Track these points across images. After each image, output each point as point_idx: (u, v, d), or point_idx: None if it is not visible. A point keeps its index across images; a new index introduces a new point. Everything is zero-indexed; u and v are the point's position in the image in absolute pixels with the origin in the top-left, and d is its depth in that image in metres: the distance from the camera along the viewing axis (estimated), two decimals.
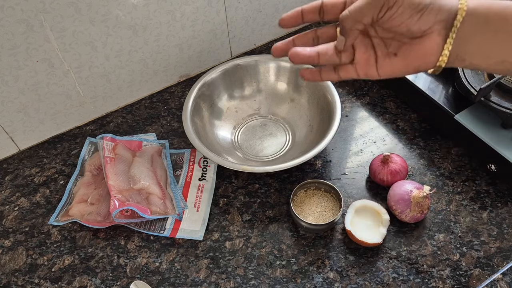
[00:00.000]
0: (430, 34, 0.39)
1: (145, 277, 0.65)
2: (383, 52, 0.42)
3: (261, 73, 0.84)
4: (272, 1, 0.91)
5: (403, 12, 0.39)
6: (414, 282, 0.63)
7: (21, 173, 0.78)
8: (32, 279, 0.65)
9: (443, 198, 0.71)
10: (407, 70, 0.42)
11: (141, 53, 0.81)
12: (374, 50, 0.43)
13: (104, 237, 0.69)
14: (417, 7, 0.38)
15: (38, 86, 0.74)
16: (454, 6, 0.39)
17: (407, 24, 0.39)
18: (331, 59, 0.43)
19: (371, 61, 0.43)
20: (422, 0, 0.38)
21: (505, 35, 0.38)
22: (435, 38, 0.39)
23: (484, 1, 0.39)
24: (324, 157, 0.78)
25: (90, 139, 0.81)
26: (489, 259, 0.64)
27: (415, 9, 0.38)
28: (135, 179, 0.71)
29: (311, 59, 0.43)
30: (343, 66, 0.44)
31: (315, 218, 0.68)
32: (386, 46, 0.42)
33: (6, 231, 0.71)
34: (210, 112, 0.81)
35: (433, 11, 0.39)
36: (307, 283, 0.63)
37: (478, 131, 0.69)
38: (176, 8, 0.79)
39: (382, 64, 0.43)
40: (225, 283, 0.64)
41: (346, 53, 0.43)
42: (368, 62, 0.43)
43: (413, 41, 0.40)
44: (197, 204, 0.72)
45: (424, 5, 0.38)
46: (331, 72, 0.45)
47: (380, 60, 0.42)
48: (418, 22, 0.39)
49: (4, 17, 0.64)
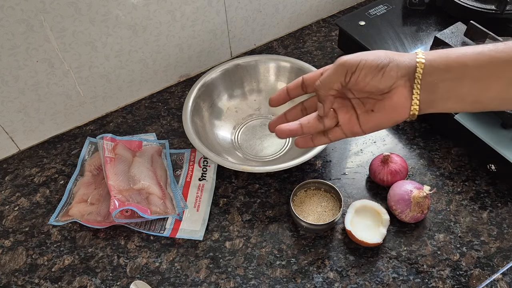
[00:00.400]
0: (396, 88, 0.44)
1: (145, 277, 0.65)
2: (362, 110, 0.47)
3: (261, 73, 0.84)
4: (272, 1, 0.91)
5: (366, 74, 0.44)
6: (414, 282, 0.63)
7: (21, 173, 0.78)
8: (32, 279, 0.65)
9: (443, 198, 0.71)
10: (386, 122, 0.47)
11: (141, 53, 0.81)
12: (354, 110, 0.48)
13: (104, 237, 0.69)
14: (376, 67, 0.43)
15: (38, 86, 0.74)
16: (412, 62, 0.43)
17: (373, 83, 0.44)
18: (314, 127, 0.49)
19: (353, 120, 0.48)
20: (381, 62, 0.43)
21: (469, 79, 0.42)
22: (402, 90, 0.44)
23: (441, 52, 0.43)
24: (324, 157, 0.78)
25: (90, 139, 0.81)
26: (489, 259, 0.64)
27: (376, 70, 0.43)
28: (135, 179, 0.71)
29: (295, 132, 0.49)
30: (331, 130, 0.49)
31: (315, 218, 0.68)
32: (364, 104, 0.47)
33: (6, 231, 0.71)
34: (210, 112, 0.81)
35: (393, 68, 0.43)
36: (307, 283, 0.63)
37: (478, 131, 0.69)
38: (176, 8, 0.79)
39: (363, 121, 0.47)
40: (225, 283, 0.64)
41: (328, 118, 0.49)
42: (351, 121, 0.48)
43: (384, 96, 0.45)
44: (197, 204, 0.72)
45: (383, 64, 0.43)
46: (322, 136, 0.50)
47: (361, 118, 0.47)
48: (382, 80, 0.44)
49: (4, 17, 0.64)
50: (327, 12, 1.03)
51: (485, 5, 0.80)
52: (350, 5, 1.05)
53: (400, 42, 0.83)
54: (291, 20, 0.98)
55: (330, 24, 1.01)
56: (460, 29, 0.75)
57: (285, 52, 0.96)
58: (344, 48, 0.93)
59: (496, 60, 0.40)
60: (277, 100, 0.51)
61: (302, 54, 0.95)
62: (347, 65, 0.44)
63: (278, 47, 0.97)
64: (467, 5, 0.81)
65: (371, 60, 0.44)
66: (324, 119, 0.49)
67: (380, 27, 0.86)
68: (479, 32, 0.71)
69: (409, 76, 0.44)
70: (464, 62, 0.42)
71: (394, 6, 0.90)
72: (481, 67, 0.41)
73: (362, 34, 0.85)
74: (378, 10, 0.89)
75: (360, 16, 0.88)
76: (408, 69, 0.43)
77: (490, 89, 0.42)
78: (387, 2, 0.91)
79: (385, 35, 0.84)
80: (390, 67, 0.43)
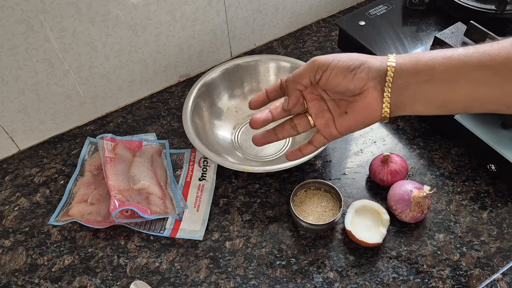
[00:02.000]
0: (367, 90, 0.45)
1: (145, 277, 0.65)
2: (337, 112, 0.49)
3: (261, 73, 0.84)
4: (272, 1, 0.91)
5: (337, 74, 0.45)
6: (414, 282, 0.63)
7: (21, 173, 0.78)
8: (32, 279, 0.65)
9: (443, 198, 0.71)
10: (359, 124, 0.48)
11: (141, 53, 0.81)
12: (330, 112, 0.49)
13: (104, 237, 0.69)
14: (348, 68, 0.45)
15: (38, 86, 0.74)
16: (383, 65, 0.45)
17: (344, 83, 0.45)
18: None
19: (330, 123, 0.49)
20: (352, 63, 0.45)
21: (437, 82, 0.43)
22: (372, 92, 0.45)
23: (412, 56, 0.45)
24: (324, 157, 0.78)
25: (90, 139, 0.81)
26: (489, 259, 0.64)
27: (347, 70, 0.45)
28: (135, 179, 0.71)
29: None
30: (313, 138, 0.51)
31: (315, 218, 0.68)
32: (339, 106, 0.49)
33: (6, 231, 0.71)
34: (210, 112, 0.81)
35: (364, 70, 0.45)
36: (307, 283, 0.63)
37: (478, 131, 0.69)
38: (176, 8, 0.79)
39: (338, 123, 0.49)
40: (225, 283, 0.64)
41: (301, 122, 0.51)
42: (329, 125, 0.50)
43: (356, 98, 0.46)
44: (197, 204, 0.72)
45: (355, 66, 0.45)
46: (308, 146, 0.52)
47: (336, 120, 0.49)
48: (353, 81, 0.45)
49: (4, 17, 0.64)
50: (327, 12, 1.03)
51: (485, 5, 0.80)
52: (350, 5, 1.06)
53: (400, 42, 0.83)
54: (291, 20, 0.98)
55: (330, 24, 1.01)
56: (460, 29, 0.75)
57: (285, 52, 0.96)
58: (344, 48, 0.93)
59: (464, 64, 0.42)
60: (256, 102, 0.52)
61: (302, 54, 0.95)
62: (319, 63, 0.46)
63: (278, 47, 0.97)
64: (467, 5, 0.81)
65: (343, 61, 0.45)
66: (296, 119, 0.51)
67: (380, 27, 0.86)
68: (479, 32, 0.71)
69: (380, 78, 0.45)
70: (432, 65, 0.43)
71: (394, 6, 0.90)
72: (449, 70, 0.43)
73: (362, 34, 0.85)
74: (378, 10, 0.89)
75: (360, 16, 0.88)
76: (379, 71, 0.45)
77: (458, 91, 0.43)
78: (387, 2, 0.91)
79: (385, 35, 0.84)
80: (361, 69, 0.45)
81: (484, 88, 0.42)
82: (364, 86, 0.45)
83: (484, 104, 0.44)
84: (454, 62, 0.42)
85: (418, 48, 0.82)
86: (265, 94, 0.51)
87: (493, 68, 0.41)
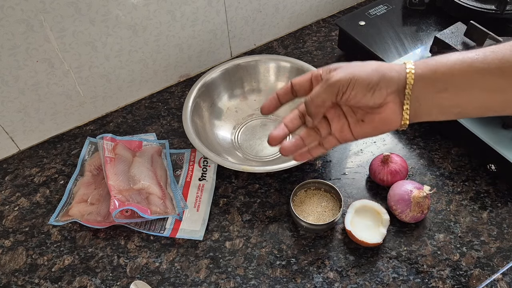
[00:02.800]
0: (386, 104, 0.45)
1: (145, 277, 0.65)
2: (353, 118, 0.48)
3: (261, 73, 0.84)
4: (272, 1, 0.91)
5: (356, 93, 0.44)
6: (414, 282, 0.63)
7: (21, 173, 0.78)
8: (32, 279, 0.65)
9: (443, 198, 0.71)
10: (376, 132, 0.48)
11: (141, 53, 0.81)
12: (346, 118, 0.49)
13: (104, 237, 0.69)
14: (367, 86, 0.44)
15: (38, 86, 0.74)
16: (402, 76, 0.44)
17: (364, 101, 0.45)
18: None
19: (345, 127, 0.49)
20: (371, 81, 0.44)
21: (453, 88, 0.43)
22: (391, 106, 0.45)
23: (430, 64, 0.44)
24: (324, 157, 0.78)
25: (90, 139, 0.81)
26: (489, 259, 0.64)
27: (366, 89, 0.44)
28: (135, 179, 0.71)
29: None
30: (325, 139, 0.50)
31: (315, 218, 0.68)
32: (355, 113, 0.48)
33: (6, 231, 0.71)
34: (210, 112, 0.81)
35: (383, 86, 0.44)
36: (307, 283, 0.63)
37: (478, 131, 0.69)
38: (176, 8, 0.79)
39: (354, 129, 0.48)
40: (225, 283, 0.64)
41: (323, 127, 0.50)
42: (344, 130, 0.49)
43: (374, 111, 0.46)
44: (197, 204, 0.72)
45: (374, 83, 0.44)
46: (318, 147, 0.51)
47: (352, 126, 0.48)
48: (373, 98, 0.44)
49: (4, 17, 0.64)
50: (327, 12, 1.03)
51: (485, 5, 0.80)
52: (350, 5, 1.06)
53: (400, 42, 0.83)
54: (291, 20, 0.98)
55: (330, 24, 1.01)
56: (460, 29, 0.75)
57: (285, 52, 0.96)
58: (344, 48, 0.93)
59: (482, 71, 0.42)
60: (269, 107, 0.51)
61: (302, 54, 0.95)
62: (340, 85, 0.45)
63: (278, 47, 0.97)
64: (467, 5, 0.81)
65: (362, 78, 0.44)
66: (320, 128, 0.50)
67: (380, 27, 0.86)
68: (479, 32, 0.71)
69: (398, 92, 0.45)
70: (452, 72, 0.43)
71: (394, 6, 0.90)
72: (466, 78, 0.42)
73: (362, 34, 0.85)
74: (378, 10, 0.89)
75: (360, 16, 0.88)
76: (398, 83, 0.44)
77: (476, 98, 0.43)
78: (387, 2, 0.91)
79: (385, 35, 0.84)
80: (379, 86, 0.44)
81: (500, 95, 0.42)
82: (383, 101, 0.45)
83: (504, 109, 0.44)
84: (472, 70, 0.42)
85: (418, 48, 0.82)
86: (277, 99, 0.51)
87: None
